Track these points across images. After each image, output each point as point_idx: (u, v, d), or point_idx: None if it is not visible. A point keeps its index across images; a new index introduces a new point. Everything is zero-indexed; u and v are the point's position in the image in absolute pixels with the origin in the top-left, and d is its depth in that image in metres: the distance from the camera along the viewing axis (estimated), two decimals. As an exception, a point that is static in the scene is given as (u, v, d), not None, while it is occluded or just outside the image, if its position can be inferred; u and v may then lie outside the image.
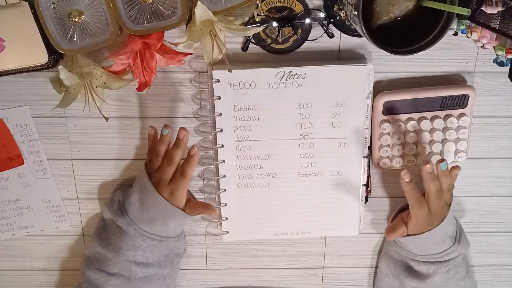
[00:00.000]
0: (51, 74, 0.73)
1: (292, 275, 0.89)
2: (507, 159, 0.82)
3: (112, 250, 0.75)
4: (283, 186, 0.79)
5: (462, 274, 0.79)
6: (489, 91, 0.77)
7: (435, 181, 0.72)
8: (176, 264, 0.81)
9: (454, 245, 0.76)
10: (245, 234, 0.83)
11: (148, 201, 0.73)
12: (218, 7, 0.65)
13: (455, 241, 0.77)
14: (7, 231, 0.83)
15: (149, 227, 0.74)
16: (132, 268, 0.75)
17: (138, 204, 0.73)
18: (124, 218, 0.74)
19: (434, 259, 0.77)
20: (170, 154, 0.72)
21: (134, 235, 0.74)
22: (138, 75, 0.70)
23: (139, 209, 0.73)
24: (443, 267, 0.77)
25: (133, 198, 0.74)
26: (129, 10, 0.64)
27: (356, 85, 0.73)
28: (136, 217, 0.74)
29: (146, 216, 0.73)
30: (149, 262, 0.76)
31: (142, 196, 0.73)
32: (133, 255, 0.74)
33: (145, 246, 0.75)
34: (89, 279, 0.76)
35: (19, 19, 0.64)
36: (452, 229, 0.77)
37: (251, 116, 0.75)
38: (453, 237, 0.77)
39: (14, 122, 0.76)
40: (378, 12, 0.65)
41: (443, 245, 0.76)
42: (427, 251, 0.77)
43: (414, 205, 0.74)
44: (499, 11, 0.65)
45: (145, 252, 0.75)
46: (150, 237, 0.74)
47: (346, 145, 0.77)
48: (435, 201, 0.73)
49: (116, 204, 0.76)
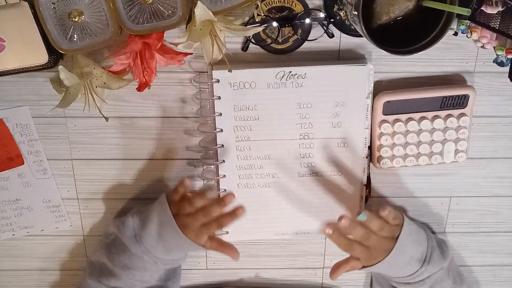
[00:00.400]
0: (51, 74, 0.73)
1: (292, 275, 0.89)
2: (507, 159, 0.82)
3: (120, 267, 0.74)
4: (283, 186, 0.79)
5: (448, 287, 0.78)
6: (489, 91, 0.77)
7: (357, 229, 0.71)
8: (179, 273, 0.82)
9: (422, 267, 0.74)
10: (245, 234, 0.82)
11: (168, 237, 0.71)
12: (218, 7, 0.65)
13: (424, 262, 0.74)
14: (7, 231, 0.83)
15: (164, 255, 0.74)
16: (136, 285, 0.75)
17: (155, 236, 0.72)
18: (139, 246, 0.73)
19: (408, 280, 0.76)
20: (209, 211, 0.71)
21: (147, 261, 0.73)
22: (138, 75, 0.70)
23: (156, 241, 0.72)
24: (422, 285, 0.75)
25: (150, 229, 0.72)
26: (129, 10, 0.64)
27: (356, 85, 0.73)
28: (152, 247, 0.73)
29: (162, 247, 0.72)
30: (154, 279, 0.76)
31: (162, 230, 0.72)
32: (141, 275, 0.74)
33: (154, 269, 0.75)
34: (89, 286, 0.75)
35: (19, 19, 0.63)
36: (419, 251, 0.74)
37: (251, 116, 0.75)
38: (421, 259, 0.74)
39: (14, 122, 0.76)
40: (378, 12, 0.65)
41: (410, 268, 0.74)
42: (398, 274, 0.75)
43: (346, 251, 0.73)
44: (499, 11, 0.65)
45: (153, 273, 0.75)
46: (163, 263, 0.74)
47: (346, 145, 0.77)
48: (367, 242, 0.72)
49: (130, 231, 0.74)
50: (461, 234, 0.86)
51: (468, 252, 0.88)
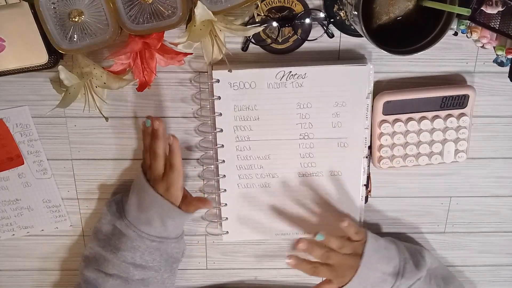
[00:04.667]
0: (51, 74, 0.73)
1: (292, 275, 0.89)
2: (507, 159, 0.82)
3: (111, 251, 0.74)
4: (283, 186, 0.79)
5: None
6: (489, 91, 0.77)
7: (314, 250, 0.73)
8: (175, 269, 0.81)
9: (397, 281, 0.74)
10: (245, 234, 0.82)
11: (145, 201, 0.73)
12: (218, 7, 0.65)
13: (398, 275, 0.74)
14: (7, 231, 0.83)
15: (148, 228, 0.74)
16: (130, 270, 0.74)
17: (136, 205, 0.73)
18: (123, 220, 0.74)
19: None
20: (152, 148, 0.73)
21: (133, 237, 0.74)
22: (138, 75, 0.70)
23: (137, 210, 0.73)
24: None
25: (131, 200, 0.74)
26: (129, 10, 0.64)
27: (356, 85, 0.73)
28: (135, 218, 0.74)
29: (144, 217, 0.73)
30: (148, 265, 0.75)
31: (139, 196, 0.73)
32: (132, 256, 0.74)
33: (143, 248, 0.74)
34: (88, 279, 0.76)
35: (19, 19, 0.64)
36: (391, 265, 0.74)
37: (251, 116, 0.75)
38: (395, 273, 0.74)
39: (14, 122, 0.76)
40: (378, 12, 0.65)
41: (386, 284, 0.74)
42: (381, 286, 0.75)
43: (312, 274, 0.74)
44: (499, 11, 0.65)
45: (143, 254, 0.75)
46: (149, 239, 0.74)
47: (346, 145, 0.77)
48: (329, 261, 0.73)
49: (115, 207, 0.76)
50: (461, 234, 0.86)
51: (468, 252, 0.88)
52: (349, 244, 0.74)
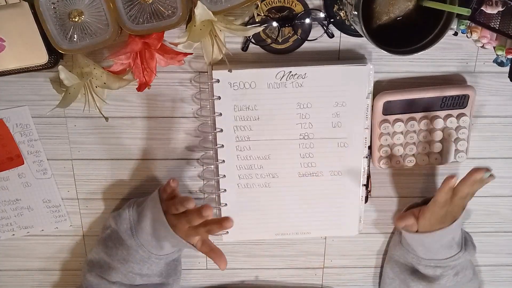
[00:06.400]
0: (51, 74, 0.73)
1: (292, 275, 0.89)
2: (507, 159, 0.82)
3: (118, 261, 0.74)
4: (283, 186, 0.79)
5: (469, 276, 0.79)
6: (489, 91, 0.77)
7: (473, 186, 0.72)
8: (180, 270, 0.81)
9: (460, 251, 0.77)
10: (245, 234, 0.82)
11: (161, 233, 0.71)
12: (218, 7, 0.65)
13: (461, 248, 0.77)
14: (7, 231, 0.83)
15: (158, 251, 0.74)
16: (136, 279, 0.75)
17: (149, 231, 0.72)
18: (134, 240, 0.73)
19: (440, 264, 0.77)
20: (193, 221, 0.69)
21: (143, 255, 0.74)
22: (138, 75, 0.70)
23: (150, 235, 0.72)
24: (450, 270, 0.77)
25: (144, 224, 0.73)
26: (129, 10, 0.64)
27: (356, 85, 0.73)
28: (146, 241, 0.73)
29: (156, 242, 0.73)
30: (153, 273, 0.76)
31: (155, 226, 0.72)
32: (139, 268, 0.74)
33: (151, 261, 0.75)
34: (90, 284, 0.76)
35: (19, 19, 0.63)
36: (458, 235, 0.77)
37: (251, 116, 0.75)
38: (459, 243, 0.77)
39: (14, 122, 0.76)
40: (378, 12, 0.65)
41: (450, 250, 0.76)
42: (434, 256, 0.76)
43: (440, 202, 0.73)
44: (499, 11, 0.65)
45: (151, 265, 0.75)
46: (158, 258, 0.75)
47: (346, 145, 0.77)
48: (459, 201, 0.72)
49: (126, 223, 0.74)
50: (461, 234, 0.86)
51: (471, 254, 0.88)
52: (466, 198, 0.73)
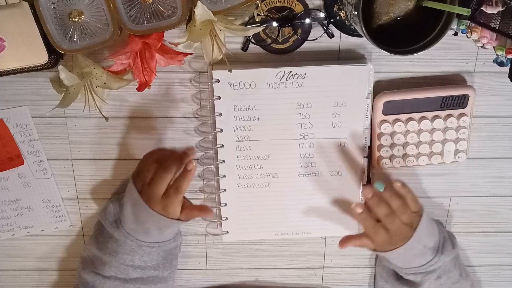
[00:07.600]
0: (51, 74, 0.73)
1: (292, 275, 0.89)
2: (507, 159, 0.82)
3: (109, 254, 0.74)
4: (283, 186, 0.79)
5: (455, 278, 0.78)
6: (489, 91, 0.77)
7: (381, 206, 0.71)
8: (175, 265, 0.81)
9: (436, 256, 0.74)
10: (245, 234, 0.83)
11: (141, 215, 0.72)
12: (218, 7, 0.65)
13: (437, 252, 0.75)
14: (7, 231, 0.83)
15: (145, 237, 0.73)
16: (129, 271, 0.75)
17: (132, 217, 0.73)
18: (120, 230, 0.74)
19: (419, 270, 0.75)
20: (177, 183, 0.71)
21: (131, 245, 0.74)
22: (138, 75, 0.70)
23: (134, 222, 0.73)
24: (431, 275, 0.75)
25: (126, 211, 0.73)
26: (129, 10, 0.64)
27: (356, 85, 0.73)
28: (132, 229, 0.73)
29: (141, 228, 0.73)
30: (147, 265, 0.76)
31: (135, 210, 0.72)
32: (130, 259, 0.74)
33: (142, 252, 0.74)
34: (85, 281, 0.76)
35: (19, 19, 0.64)
36: (432, 241, 0.75)
37: (251, 116, 0.75)
38: (435, 248, 0.75)
39: (14, 122, 0.76)
40: (378, 12, 0.65)
41: (425, 257, 0.74)
42: (409, 264, 0.75)
43: (370, 233, 0.73)
44: (499, 11, 0.65)
45: (142, 256, 0.75)
46: (148, 246, 0.74)
47: (346, 145, 0.77)
48: (390, 225, 0.71)
49: (111, 216, 0.75)
50: (461, 234, 0.86)
51: (468, 252, 0.88)
52: (409, 213, 0.73)
